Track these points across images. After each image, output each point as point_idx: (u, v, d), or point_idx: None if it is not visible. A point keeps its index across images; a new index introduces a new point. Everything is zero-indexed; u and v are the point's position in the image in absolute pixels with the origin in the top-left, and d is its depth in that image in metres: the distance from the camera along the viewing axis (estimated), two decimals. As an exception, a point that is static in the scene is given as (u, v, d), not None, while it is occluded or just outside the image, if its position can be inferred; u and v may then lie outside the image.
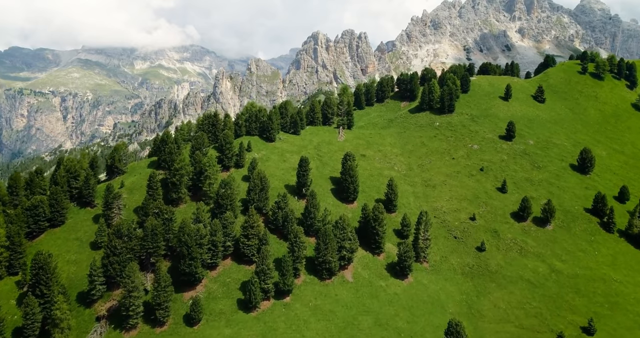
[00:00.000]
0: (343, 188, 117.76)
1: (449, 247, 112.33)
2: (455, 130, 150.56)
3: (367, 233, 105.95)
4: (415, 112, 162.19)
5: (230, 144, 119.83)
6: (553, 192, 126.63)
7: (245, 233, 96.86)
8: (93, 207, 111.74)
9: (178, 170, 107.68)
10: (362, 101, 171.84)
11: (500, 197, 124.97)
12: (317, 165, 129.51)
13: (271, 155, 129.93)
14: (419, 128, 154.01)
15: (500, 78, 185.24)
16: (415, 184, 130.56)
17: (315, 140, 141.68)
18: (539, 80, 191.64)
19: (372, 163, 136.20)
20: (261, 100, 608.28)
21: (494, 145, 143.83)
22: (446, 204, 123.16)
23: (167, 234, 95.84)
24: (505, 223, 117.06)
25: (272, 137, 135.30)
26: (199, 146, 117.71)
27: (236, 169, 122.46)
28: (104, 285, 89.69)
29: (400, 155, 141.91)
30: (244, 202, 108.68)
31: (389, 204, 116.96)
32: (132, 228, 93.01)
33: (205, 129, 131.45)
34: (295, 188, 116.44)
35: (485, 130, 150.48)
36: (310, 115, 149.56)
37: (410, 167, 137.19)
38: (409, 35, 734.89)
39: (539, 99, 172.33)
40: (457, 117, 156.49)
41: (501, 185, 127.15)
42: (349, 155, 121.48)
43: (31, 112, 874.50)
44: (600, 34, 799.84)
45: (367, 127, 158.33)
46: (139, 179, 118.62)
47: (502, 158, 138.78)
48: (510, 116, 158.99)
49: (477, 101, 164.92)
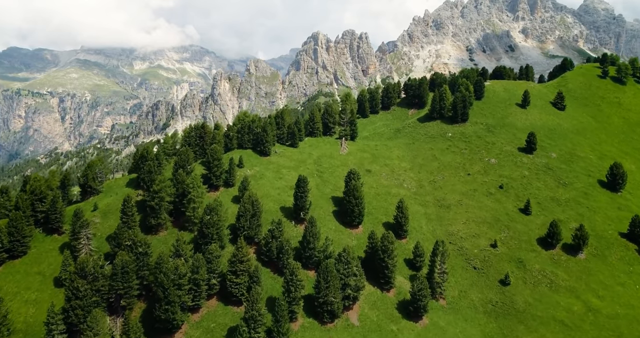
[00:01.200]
0: (347, 211, 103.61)
1: (468, 279, 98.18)
2: (470, 142, 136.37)
3: (375, 265, 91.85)
4: (424, 120, 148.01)
5: (218, 161, 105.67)
6: (583, 214, 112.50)
7: (233, 269, 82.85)
8: (61, 234, 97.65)
9: (157, 192, 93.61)
10: (366, 108, 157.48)
11: (523, 219, 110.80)
12: (317, 183, 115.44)
13: (265, 172, 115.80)
14: (429, 139, 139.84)
15: (516, 83, 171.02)
16: (427, 204, 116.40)
17: (315, 154, 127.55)
18: (556, 85, 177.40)
19: (378, 180, 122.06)
20: (260, 101, 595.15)
21: (514, 159, 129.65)
22: (463, 228, 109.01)
23: (142, 271, 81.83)
24: (531, 251, 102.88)
25: (266, 151, 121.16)
26: (182, 163, 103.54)
27: (226, 188, 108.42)
28: (64, 334, 75.61)
29: (410, 170, 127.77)
30: (233, 229, 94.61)
31: (398, 229, 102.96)
32: (98, 265, 78.85)
33: (193, 142, 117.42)
34: (292, 212, 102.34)
35: (503, 142, 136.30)
36: (310, 125, 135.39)
37: (420, 184, 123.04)
38: (411, 35, 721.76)
39: (559, 106, 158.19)
40: (471, 127, 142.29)
41: (524, 205, 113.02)
42: (353, 173, 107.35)
43: (29, 113, 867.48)
44: (604, 34, 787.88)
45: (372, 137, 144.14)
46: (116, 200, 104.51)
47: (523, 174, 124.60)
48: (529, 125, 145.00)
49: (492, 109, 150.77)
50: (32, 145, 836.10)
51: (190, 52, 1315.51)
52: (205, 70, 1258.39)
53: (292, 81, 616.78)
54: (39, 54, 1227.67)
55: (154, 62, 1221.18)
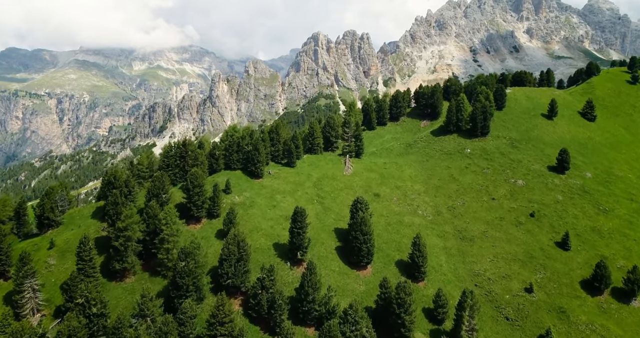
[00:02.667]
0: (353, 249, 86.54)
1: (500, 333, 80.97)
2: (492, 160, 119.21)
3: (388, 320, 74.89)
4: (439, 134, 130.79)
5: (200, 187, 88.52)
6: (630, 248, 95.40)
7: (212, 333, 65.89)
8: (7, 279, 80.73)
9: (123, 230, 76.63)
10: (373, 120, 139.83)
11: (562, 256, 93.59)
12: (318, 211, 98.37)
13: (257, 198, 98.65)
14: (445, 156, 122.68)
15: (539, 90, 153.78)
16: (447, 236, 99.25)
17: (315, 175, 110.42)
18: (582, 92, 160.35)
19: (388, 205, 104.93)
20: (259, 104, 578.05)
21: (544, 180, 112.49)
22: (490, 267, 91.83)
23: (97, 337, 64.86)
24: (574, 297, 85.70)
25: (258, 172, 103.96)
26: (157, 191, 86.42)
27: (209, 219, 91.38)
28: None
29: (425, 193, 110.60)
30: (215, 275, 77.66)
31: (415, 270, 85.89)
32: (37, 335, 61.72)
33: (172, 163, 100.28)
34: (287, 251, 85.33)
35: (530, 159, 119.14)
36: (309, 140, 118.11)
37: (438, 211, 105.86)
38: (413, 36, 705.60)
39: (589, 117, 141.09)
40: (493, 142, 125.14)
41: (561, 238, 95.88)
42: (360, 201, 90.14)
43: (26, 114, 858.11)
44: (610, 35, 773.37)
45: (380, 153, 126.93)
46: (77, 235, 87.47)
47: (556, 198, 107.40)
48: (557, 139, 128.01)
49: (515, 120, 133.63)
50: (29, 147, 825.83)
51: (190, 53, 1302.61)
52: (205, 71, 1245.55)
53: (291, 83, 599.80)
54: (38, 54, 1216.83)
55: (153, 62, 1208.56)
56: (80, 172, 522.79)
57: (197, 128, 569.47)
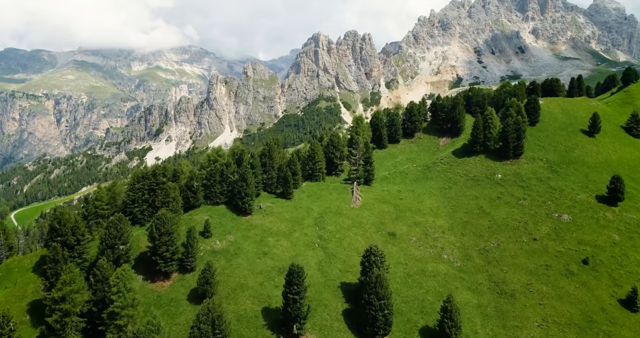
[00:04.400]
0: (365, 316, 66.82)
1: None
2: (529, 188, 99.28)
3: None
4: (462, 155, 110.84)
5: (169, 235, 68.74)
6: None
7: None
8: None
9: (58, 302, 56.90)
10: (384, 137, 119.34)
11: (628, 319, 73.73)
12: (320, 259, 78.60)
13: (243, 243, 78.84)
14: (471, 182, 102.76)
15: (573, 101, 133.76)
16: (481, 289, 79.42)
17: (317, 209, 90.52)
18: (621, 103, 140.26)
19: (407, 248, 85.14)
20: (258, 106, 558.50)
21: (594, 215, 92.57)
22: (540, 335, 71.95)
23: None
24: (653, 381, 66.12)
25: (246, 208, 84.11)
26: (112, 241, 66.55)
27: (181, 274, 71.72)
28: None
29: (449, 231, 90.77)
30: (183, 362, 58.04)
31: (445, 342, 66.20)
32: None
33: (139, 198, 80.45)
34: (280, 320, 65.59)
35: (574, 188, 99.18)
36: (309, 164, 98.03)
37: (467, 254, 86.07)
38: (416, 36, 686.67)
39: (634, 132, 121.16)
40: (528, 165, 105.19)
41: (626, 295, 76.10)
42: (375, 253, 70.25)
43: (23, 115, 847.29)
44: (617, 35, 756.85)
45: (393, 179, 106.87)
46: (9, 297, 67.91)
47: (612, 239, 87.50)
48: (602, 161, 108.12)
49: (551, 138, 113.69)
50: (26, 149, 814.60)
51: (190, 53, 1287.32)
52: (204, 72, 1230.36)
53: (291, 85, 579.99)
54: (36, 55, 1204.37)
55: (152, 63, 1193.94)
56: (73, 177, 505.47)
57: (194, 131, 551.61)
